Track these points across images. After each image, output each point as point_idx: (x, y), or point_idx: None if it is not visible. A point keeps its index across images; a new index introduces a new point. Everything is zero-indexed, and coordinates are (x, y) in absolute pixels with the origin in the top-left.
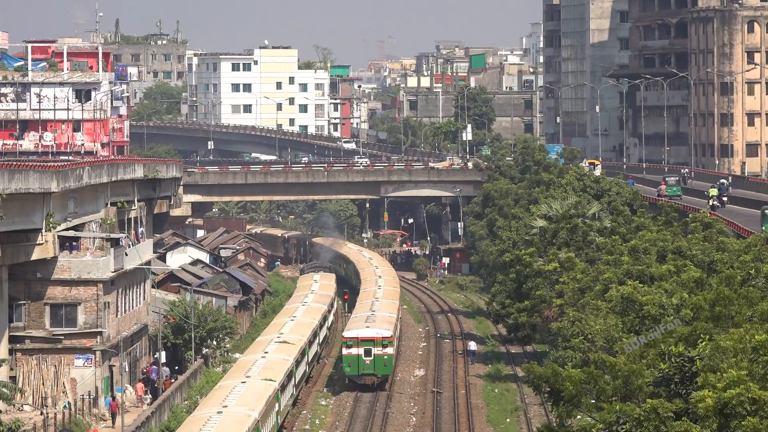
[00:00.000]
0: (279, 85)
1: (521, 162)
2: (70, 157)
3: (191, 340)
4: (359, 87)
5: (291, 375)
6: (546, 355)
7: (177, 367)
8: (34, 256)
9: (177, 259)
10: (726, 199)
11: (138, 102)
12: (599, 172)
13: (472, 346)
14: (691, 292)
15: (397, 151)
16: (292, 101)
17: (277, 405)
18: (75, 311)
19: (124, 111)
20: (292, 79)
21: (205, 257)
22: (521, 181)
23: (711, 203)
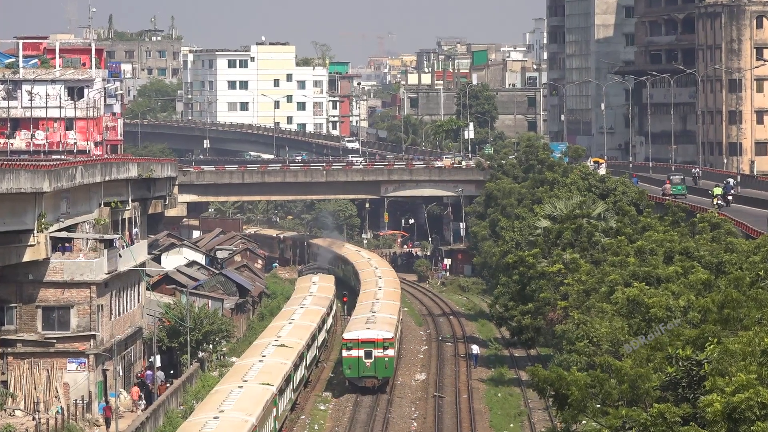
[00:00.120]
0: (276, 83)
1: (524, 161)
2: (63, 157)
3: (187, 343)
4: (358, 84)
5: (289, 379)
6: (550, 358)
7: (172, 372)
8: (25, 258)
9: (172, 260)
10: (731, 198)
11: (132, 100)
12: (604, 171)
13: (475, 349)
14: (699, 294)
15: (398, 150)
16: (289, 99)
17: (275, 410)
18: (68, 314)
19: (117, 109)
20: (289, 76)
21: (200, 259)
22: (524, 181)
23: (715, 202)
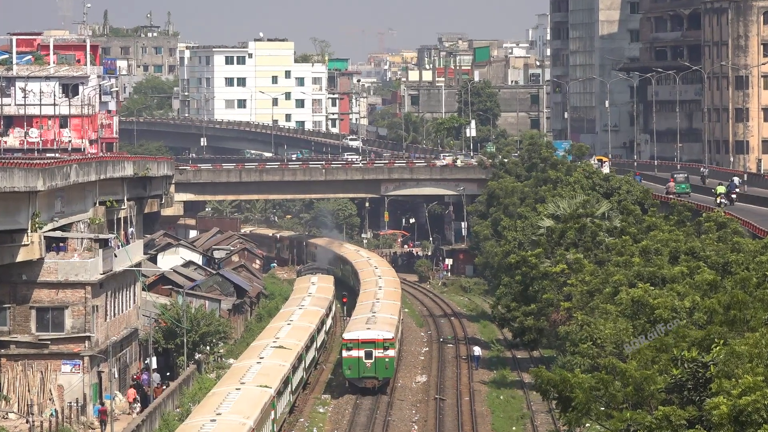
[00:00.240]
0: (275, 80)
1: (527, 159)
2: (57, 155)
3: (183, 345)
4: (358, 81)
5: (287, 381)
6: (553, 360)
7: (168, 373)
8: (19, 258)
9: (168, 260)
10: (735, 196)
11: (127, 97)
12: (607, 170)
13: (477, 351)
14: (705, 295)
15: (398, 148)
16: (288, 96)
17: (273, 413)
18: (62, 315)
19: (113, 106)
20: (288, 73)
21: (197, 258)
22: (527, 179)
23: (718, 201)
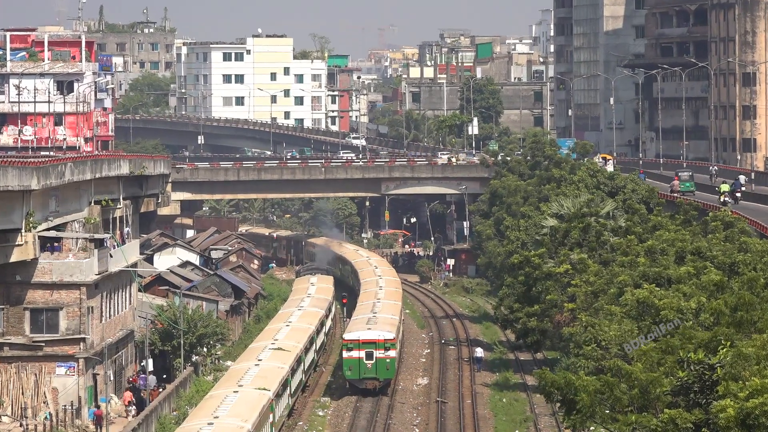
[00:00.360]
0: (273, 76)
1: (531, 157)
2: (52, 153)
3: (180, 346)
4: (358, 78)
5: (286, 384)
6: (557, 362)
7: (165, 376)
8: (13, 258)
9: (165, 260)
10: (740, 195)
11: (123, 94)
12: (612, 168)
13: (479, 353)
14: (711, 296)
15: (399, 146)
16: (287, 93)
17: (271, 416)
18: (56, 316)
19: (108, 103)
20: (287, 70)
21: (194, 259)
22: (531, 178)
23: (722, 199)
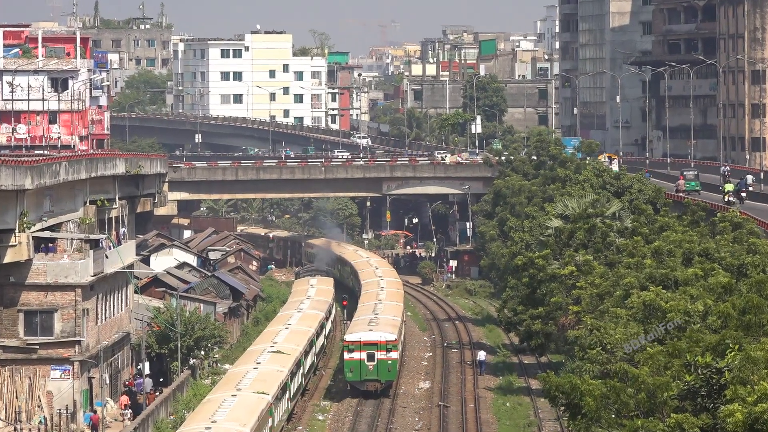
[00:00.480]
0: (272, 74)
1: (535, 157)
2: (46, 152)
3: (177, 349)
4: (359, 75)
5: (285, 388)
6: (561, 365)
7: (162, 379)
8: (6, 259)
9: (162, 261)
10: (745, 195)
11: (119, 91)
12: (617, 167)
13: (482, 356)
14: (719, 298)
15: (401, 145)
16: (286, 91)
17: (270, 420)
18: (51, 318)
19: (104, 101)
20: (286, 67)
21: (192, 260)
22: (535, 178)
23: (726, 199)
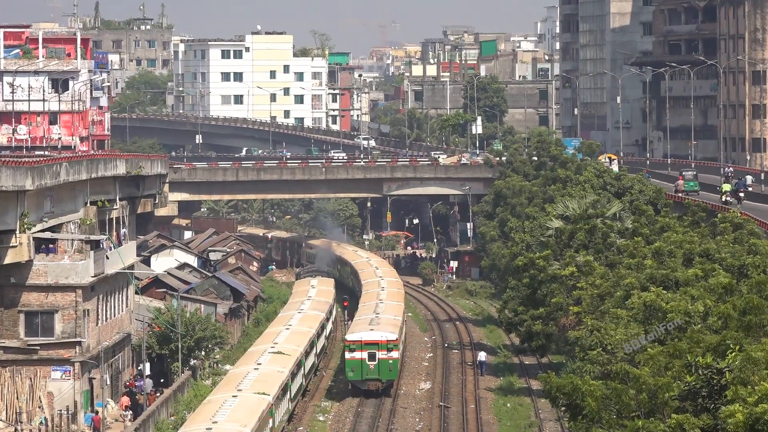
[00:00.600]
0: (273, 74)
1: (536, 157)
2: (46, 152)
3: (178, 350)
4: (360, 76)
5: (286, 388)
6: (562, 366)
7: (162, 380)
8: (7, 260)
9: (162, 262)
10: (743, 195)
11: (120, 92)
12: (617, 168)
13: (483, 356)
14: (720, 299)
15: (401, 146)
16: (286, 91)
17: (271, 421)
18: (52, 319)
19: (104, 102)
20: (286, 68)
21: (192, 260)
22: (536, 178)
23: (723, 199)
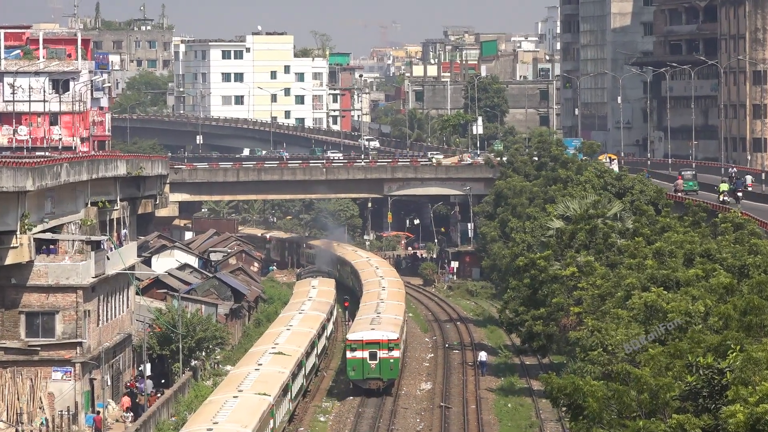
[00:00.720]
0: (273, 75)
1: (537, 158)
2: (47, 153)
3: (179, 351)
4: (360, 76)
5: (287, 389)
6: (563, 367)
7: (163, 381)
8: (7, 261)
9: (163, 263)
10: (741, 195)
11: (120, 93)
12: (617, 168)
13: (483, 357)
14: (721, 299)
15: (402, 146)
16: (287, 92)
17: (271, 421)
18: (53, 320)
19: (105, 103)
20: (287, 68)
21: (193, 261)
22: (536, 179)
23: (721, 198)
